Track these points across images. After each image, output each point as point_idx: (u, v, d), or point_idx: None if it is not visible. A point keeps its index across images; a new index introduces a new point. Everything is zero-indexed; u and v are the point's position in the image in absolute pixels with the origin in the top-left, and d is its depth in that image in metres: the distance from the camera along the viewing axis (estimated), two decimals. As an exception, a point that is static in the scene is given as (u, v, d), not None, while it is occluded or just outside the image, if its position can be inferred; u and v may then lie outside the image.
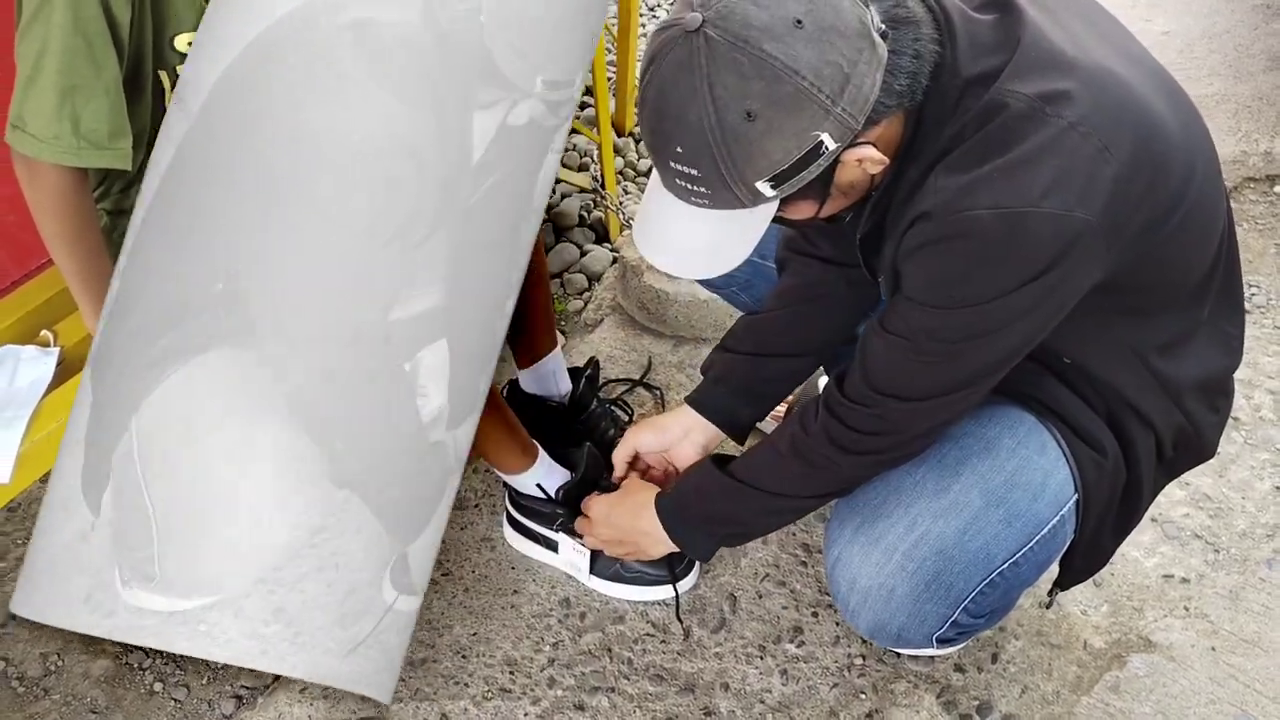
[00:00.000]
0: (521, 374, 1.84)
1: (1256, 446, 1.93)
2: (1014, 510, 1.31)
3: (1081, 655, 1.60)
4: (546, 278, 1.77)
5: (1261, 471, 1.89)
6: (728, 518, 1.44)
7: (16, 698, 1.63)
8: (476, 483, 1.87)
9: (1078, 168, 1.05)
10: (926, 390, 1.22)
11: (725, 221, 1.15)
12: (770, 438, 1.40)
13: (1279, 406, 2.00)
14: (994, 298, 1.11)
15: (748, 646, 1.61)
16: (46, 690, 1.64)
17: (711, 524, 1.47)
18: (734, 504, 1.41)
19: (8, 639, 1.69)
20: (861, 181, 1.16)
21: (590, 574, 1.66)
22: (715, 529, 1.47)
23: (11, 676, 1.65)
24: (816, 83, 1.01)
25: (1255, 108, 2.77)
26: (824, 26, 1.01)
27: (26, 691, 1.64)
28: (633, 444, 1.61)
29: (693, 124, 1.05)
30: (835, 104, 1.03)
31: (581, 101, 2.93)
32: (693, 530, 1.48)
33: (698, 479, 1.47)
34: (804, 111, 1.03)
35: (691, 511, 1.47)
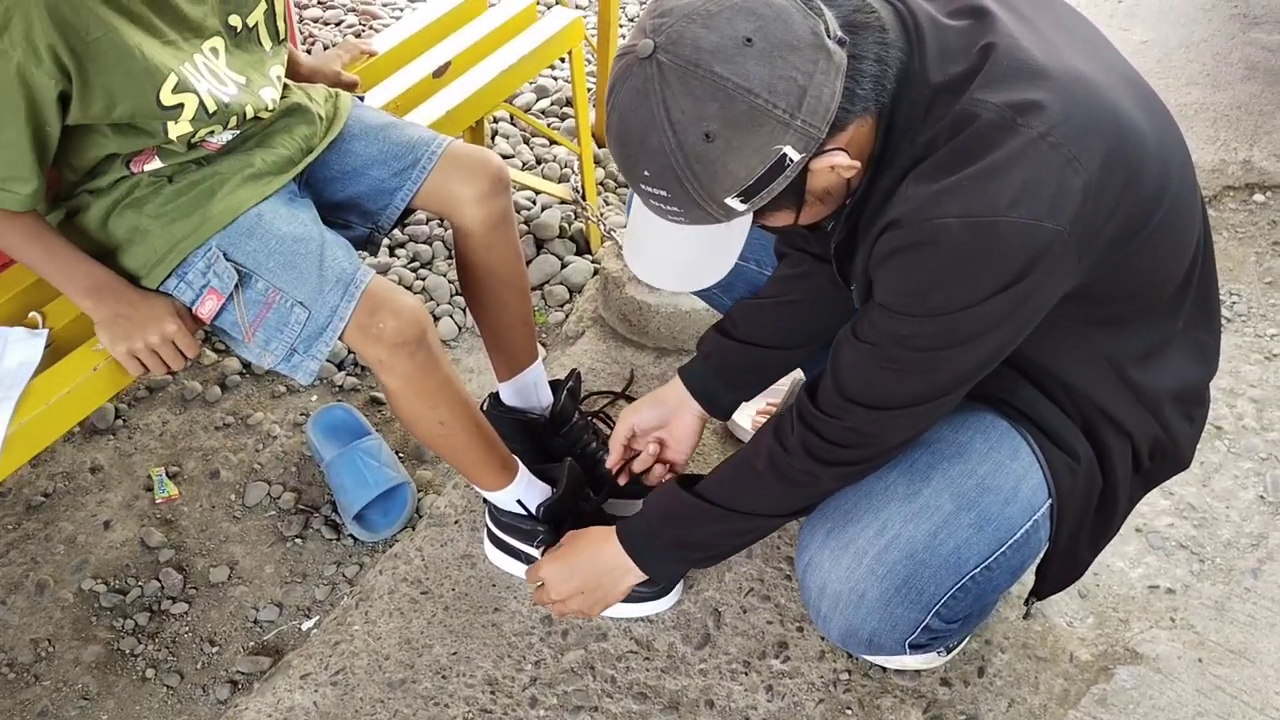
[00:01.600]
0: (502, 386, 1.82)
1: (1240, 455, 1.93)
2: (985, 514, 1.31)
3: (1068, 668, 1.59)
4: (527, 289, 1.75)
5: (1245, 480, 1.88)
6: (700, 542, 1.43)
7: (7, 684, 1.62)
8: (456, 499, 1.84)
9: (1047, 178, 1.05)
10: (899, 399, 1.22)
11: (705, 235, 1.16)
12: (743, 456, 1.38)
13: (1261, 415, 2.00)
14: (964, 307, 1.11)
15: (732, 663, 1.59)
16: (37, 676, 1.64)
17: (683, 548, 1.45)
18: (708, 528, 1.40)
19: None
20: (837, 186, 1.15)
21: (572, 591, 1.64)
22: (687, 554, 1.46)
23: (2, 663, 1.64)
24: (771, 99, 1.01)
25: (1234, 116, 2.77)
26: (775, 43, 1.01)
27: (17, 678, 1.63)
28: (630, 422, 1.61)
29: (655, 149, 1.05)
30: (794, 117, 1.03)
31: (561, 113, 2.91)
32: (662, 556, 1.46)
33: (666, 504, 1.44)
34: (762, 128, 1.03)
35: (661, 538, 1.44)
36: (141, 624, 1.71)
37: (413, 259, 2.44)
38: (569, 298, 2.39)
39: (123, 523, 1.86)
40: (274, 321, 1.42)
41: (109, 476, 1.94)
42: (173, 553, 1.81)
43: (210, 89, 1.39)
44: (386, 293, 1.42)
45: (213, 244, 1.42)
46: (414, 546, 1.76)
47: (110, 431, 2.02)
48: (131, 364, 1.41)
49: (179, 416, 2.06)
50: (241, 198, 1.43)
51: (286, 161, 1.51)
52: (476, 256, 1.68)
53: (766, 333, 1.55)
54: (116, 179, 1.43)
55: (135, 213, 1.43)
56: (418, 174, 1.60)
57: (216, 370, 2.15)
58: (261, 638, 1.70)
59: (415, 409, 1.48)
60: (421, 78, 2.02)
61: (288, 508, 1.89)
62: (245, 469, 1.96)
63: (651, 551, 1.45)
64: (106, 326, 1.40)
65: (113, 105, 1.31)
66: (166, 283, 1.43)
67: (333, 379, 2.14)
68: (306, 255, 1.41)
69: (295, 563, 1.81)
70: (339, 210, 1.62)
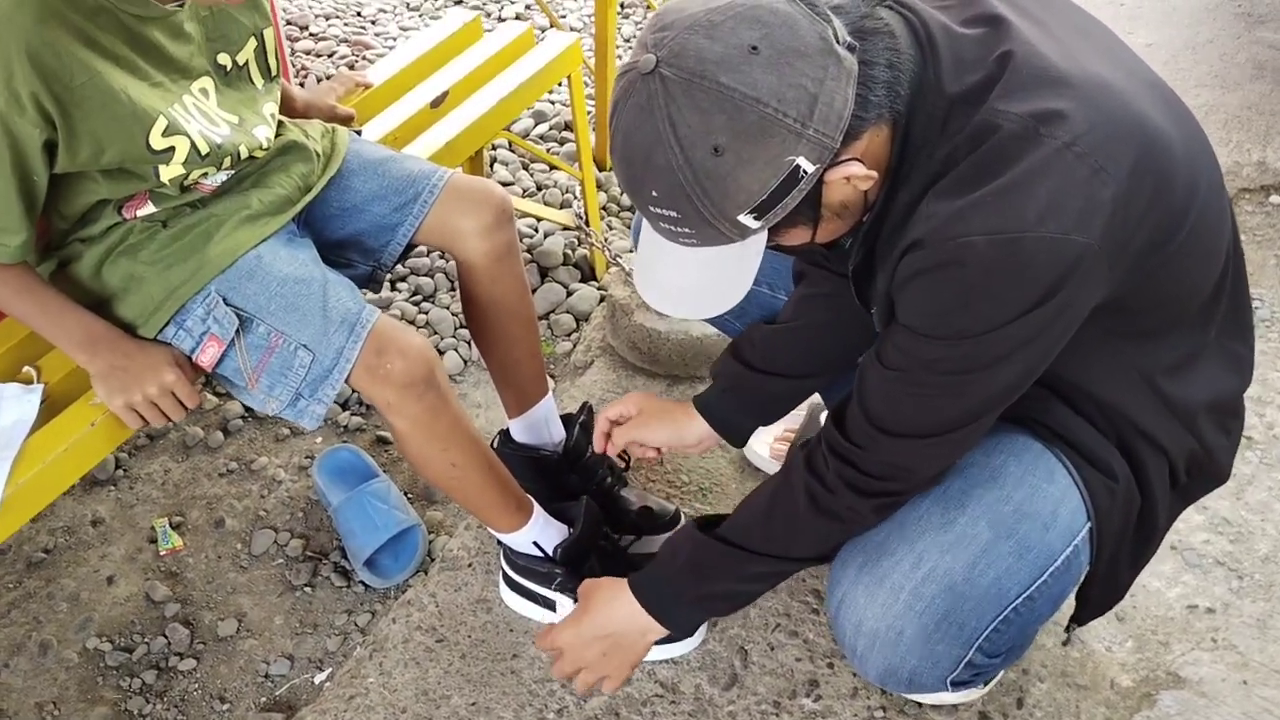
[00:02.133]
0: (512, 423, 1.77)
1: (1272, 466, 1.87)
2: (1025, 542, 1.25)
3: (1110, 695, 1.53)
4: (534, 321, 1.70)
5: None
6: (729, 592, 1.37)
7: (11, 753, 1.56)
8: (469, 540, 1.79)
9: (1074, 190, 1.01)
10: (930, 426, 1.17)
11: (718, 257, 1.10)
12: (774, 496, 1.32)
13: (1292, 423, 1.95)
14: (993, 328, 1.06)
15: (762, 703, 1.53)
16: None
17: (712, 600, 1.39)
18: (739, 573, 1.34)
19: (0, 689, 1.62)
20: (854, 200, 1.10)
21: (593, 633, 1.59)
22: (715, 605, 1.42)
23: (7, 729, 1.59)
24: (781, 108, 0.97)
25: (1245, 117, 2.73)
26: (781, 49, 0.97)
27: (22, 745, 1.57)
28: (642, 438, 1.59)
29: (661, 167, 1.01)
30: (806, 126, 0.98)
31: (560, 137, 2.87)
32: (689, 611, 1.41)
33: (691, 552, 1.37)
34: (773, 139, 0.98)
35: (689, 594, 1.38)
36: (149, 682, 1.65)
37: (415, 292, 2.40)
38: (576, 326, 2.35)
39: (126, 577, 1.81)
40: (277, 366, 1.37)
41: (111, 529, 1.89)
42: (179, 606, 1.75)
43: (202, 130, 1.34)
44: (393, 332, 1.37)
45: (211, 289, 1.37)
46: (427, 592, 1.71)
47: (111, 482, 1.97)
48: (130, 417, 1.36)
49: (181, 464, 2.01)
50: (239, 240, 1.39)
51: (284, 201, 1.46)
52: (481, 290, 1.63)
53: (787, 361, 1.50)
54: (109, 226, 1.38)
55: (129, 260, 1.38)
56: (419, 208, 1.55)
57: (218, 415, 2.10)
58: (273, 693, 1.64)
59: (425, 451, 1.43)
60: (419, 108, 1.98)
61: (296, 555, 1.83)
62: (251, 516, 1.91)
63: (677, 608, 1.40)
64: (103, 379, 1.35)
65: (101, 151, 1.26)
66: (165, 331, 1.39)
67: (337, 419, 2.09)
68: (309, 296, 1.36)
69: (305, 612, 1.75)
70: (340, 249, 1.57)
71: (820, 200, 1.07)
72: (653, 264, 1.16)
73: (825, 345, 1.49)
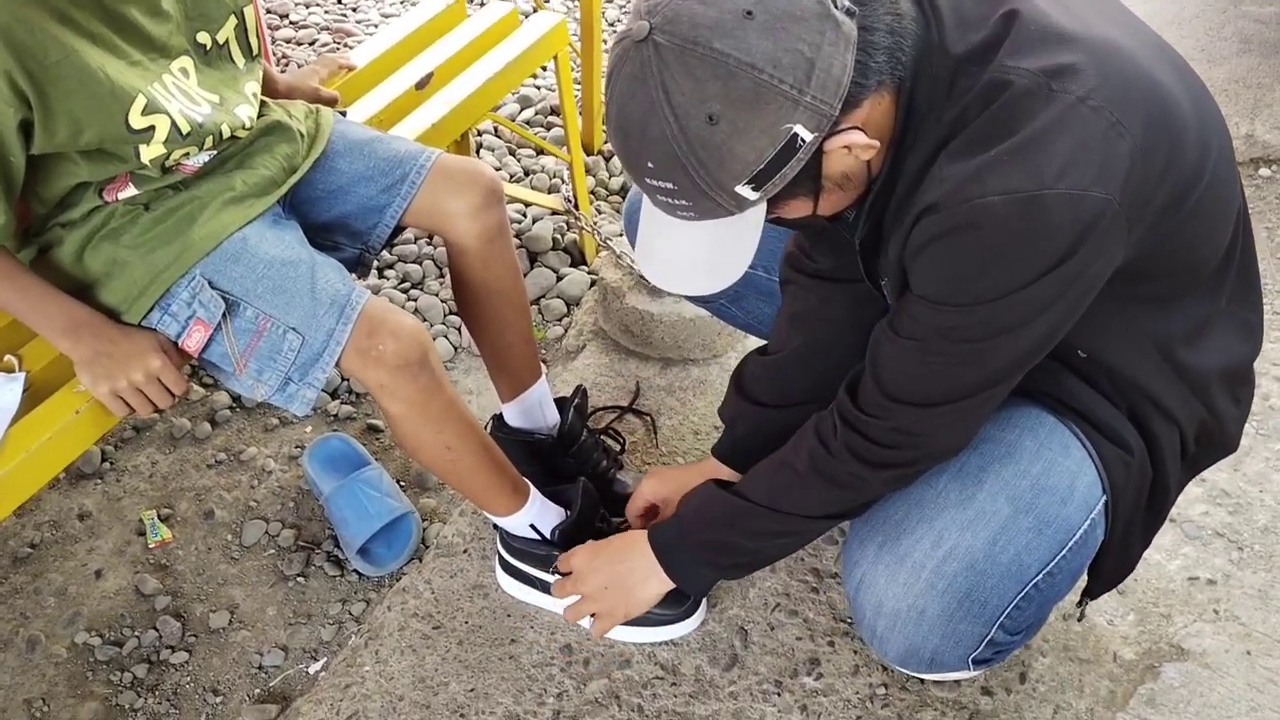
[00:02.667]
0: (506, 408, 1.74)
1: (1269, 436, 1.87)
2: (1044, 517, 1.23)
3: (1113, 669, 1.52)
4: (526, 305, 1.68)
5: (1277, 462, 1.82)
6: (734, 545, 1.36)
7: (0, 754, 1.54)
8: (464, 526, 1.77)
9: (1092, 144, 0.98)
10: (946, 395, 1.15)
11: (717, 231, 1.08)
12: (782, 456, 1.32)
13: (1288, 394, 1.95)
14: (1013, 291, 1.04)
15: (763, 683, 1.52)
16: None
17: (714, 552, 1.38)
18: (743, 528, 1.33)
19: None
20: (856, 171, 1.08)
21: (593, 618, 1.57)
22: (718, 558, 1.39)
23: (-6, 731, 1.56)
24: (777, 74, 0.95)
25: (1232, 91, 2.73)
26: (777, 14, 0.95)
27: (11, 746, 1.55)
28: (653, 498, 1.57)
29: (656, 137, 0.98)
30: (803, 93, 0.96)
31: (547, 122, 2.85)
32: (692, 560, 1.40)
33: (699, 503, 1.39)
34: (768, 105, 0.96)
35: (692, 539, 1.39)
36: (140, 676, 1.62)
37: (403, 280, 2.37)
38: (567, 311, 2.32)
39: (115, 571, 1.78)
40: (266, 350, 1.34)
41: (98, 523, 1.86)
42: (169, 599, 1.73)
43: (182, 109, 1.31)
44: (384, 313, 1.35)
45: (196, 272, 1.34)
46: (422, 579, 1.69)
47: (97, 475, 1.94)
48: (116, 405, 1.33)
49: (169, 456, 1.97)
50: (224, 222, 1.36)
51: (269, 183, 1.43)
52: (473, 273, 1.60)
53: (798, 389, 1.48)
54: (90, 209, 1.35)
55: (112, 244, 1.35)
56: (407, 189, 1.52)
57: (205, 405, 2.07)
58: (267, 684, 1.62)
59: (420, 434, 1.40)
60: (404, 90, 1.95)
61: (287, 545, 1.81)
62: (241, 507, 1.88)
63: (681, 554, 1.39)
64: (87, 366, 1.32)
65: (79, 131, 1.23)
66: (149, 316, 1.36)
67: (327, 408, 2.07)
68: (297, 279, 1.33)
69: (299, 603, 1.73)
70: (326, 232, 1.54)
71: (820, 171, 1.05)
72: (652, 240, 1.14)
73: (832, 361, 1.45)
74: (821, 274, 1.43)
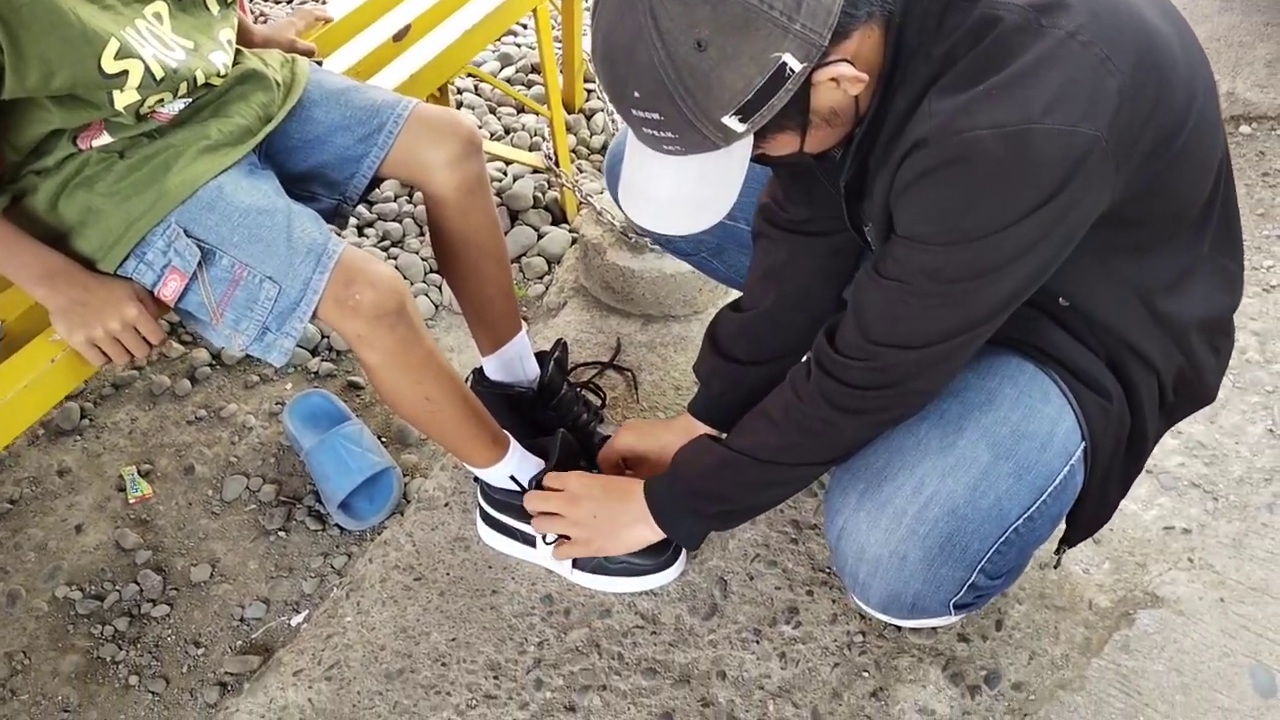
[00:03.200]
0: (486, 361, 1.74)
1: (1245, 389, 1.89)
2: (1024, 462, 1.24)
3: (1088, 616, 1.54)
4: (506, 258, 1.67)
5: (1253, 415, 1.84)
6: (721, 494, 1.37)
7: (-19, 704, 1.54)
8: (445, 480, 1.77)
9: (1081, 79, 0.98)
10: (929, 337, 1.15)
11: (703, 167, 1.07)
12: (762, 405, 1.33)
13: (1264, 348, 1.96)
14: (1000, 229, 1.04)
15: (742, 631, 1.53)
16: (14, 691, 1.56)
17: (703, 501, 1.39)
18: (729, 477, 1.34)
19: (-35, 647, 1.61)
20: (844, 106, 1.07)
21: (573, 568, 1.58)
22: (706, 508, 1.40)
23: (-26, 682, 1.57)
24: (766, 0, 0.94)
25: (1213, 49, 2.73)
26: None
27: (-8, 696, 1.55)
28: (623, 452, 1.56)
29: (643, 64, 0.97)
30: (793, 20, 0.95)
31: (528, 80, 2.83)
32: (683, 512, 1.41)
33: (689, 452, 1.40)
34: (758, 32, 0.95)
35: (681, 487, 1.40)
36: (121, 630, 1.63)
37: (383, 238, 2.36)
38: (548, 269, 2.32)
39: (95, 526, 1.78)
40: (243, 299, 1.33)
41: (78, 479, 1.86)
42: (150, 554, 1.73)
43: (156, 54, 1.30)
44: (361, 263, 1.34)
45: (171, 220, 1.33)
46: (404, 532, 1.69)
47: (77, 432, 1.93)
48: (92, 353, 1.33)
49: (148, 413, 1.97)
50: (199, 170, 1.35)
51: (244, 131, 1.42)
52: (452, 225, 1.59)
53: (773, 345, 1.48)
54: (64, 157, 1.33)
55: (86, 192, 1.34)
56: (384, 139, 1.51)
57: (185, 363, 2.06)
58: (249, 636, 1.62)
59: (399, 385, 1.40)
60: (381, 42, 1.93)
61: (268, 500, 1.81)
62: (221, 463, 1.88)
63: (672, 503, 1.40)
64: (63, 314, 1.31)
65: (51, 75, 1.22)
66: (125, 265, 1.35)
67: (307, 365, 2.06)
68: (273, 227, 1.32)
69: (280, 556, 1.73)
70: (303, 182, 1.53)
71: (809, 104, 1.04)
72: (636, 177, 1.13)
73: (804, 316, 1.46)
74: (795, 226, 1.43)
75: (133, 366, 2.05)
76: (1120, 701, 1.43)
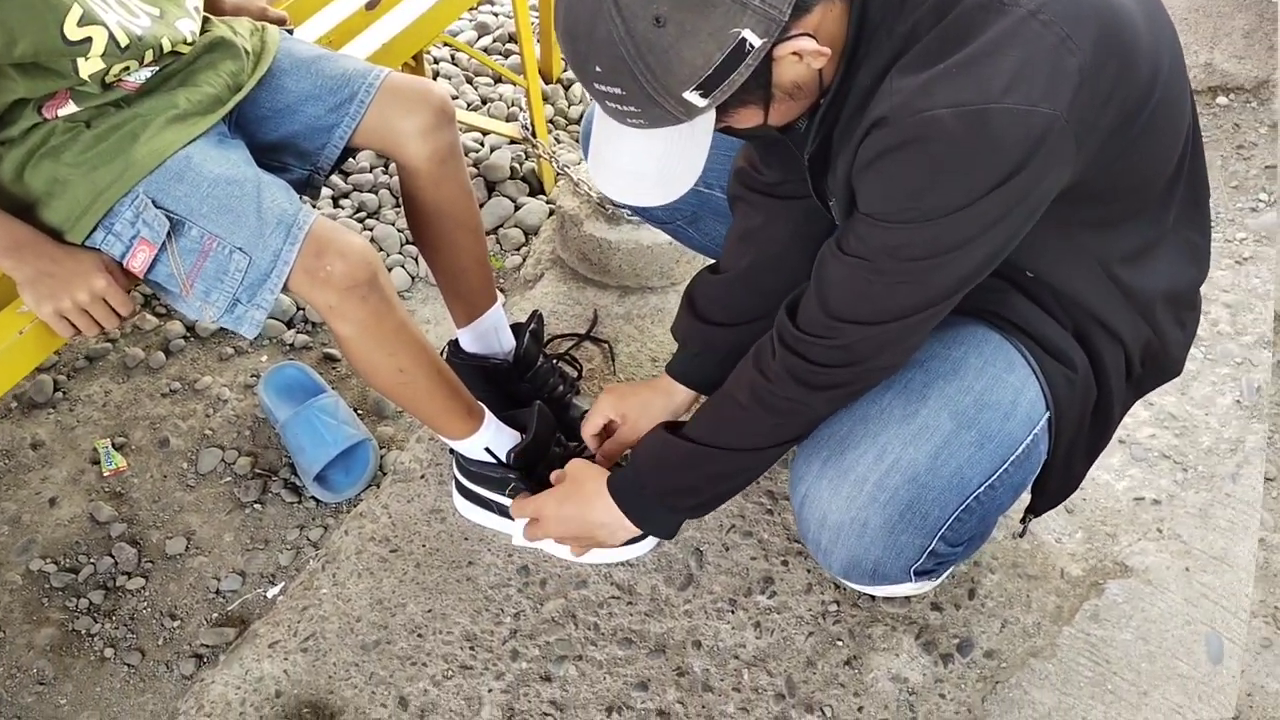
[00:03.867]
0: (461, 333, 1.74)
1: (1216, 361, 1.90)
2: (986, 431, 1.25)
3: (1060, 585, 1.56)
4: (480, 228, 1.66)
5: (1222, 386, 1.86)
6: (692, 487, 1.37)
7: (-48, 681, 1.54)
8: (420, 453, 1.77)
9: (1040, 59, 0.98)
10: (890, 313, 1.15)
11: (667, 141, 1.07)
12: (724, 391, 1.32)
13: (1235, 320, 1.98)
14: (960, 208, 1.04)
15: (718, 601, 1.54)
16: None
17: (675, 496, 1.39)
18: (699, 470, 1.34)
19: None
20: (808, 80, 1.07)
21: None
22: (679, 502, 1.40)
23: (-54, 656, 1.56)
24: None
25: (1191, 20, 2.73)
26: None
27: (-35, 671, 1.55)
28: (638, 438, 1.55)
29: (603, 40, 0.97)
30: None
31: (505, 49, 2.80)
32: (655, 509, 1.41)
33: (653, 450, 1.39)
34: (716, 8, 0.95)
35: (651, 489, 1.39)
36: (96, 602, 1.62)
37: (358, 209, 2.34)
38: (525, 241, 2.31)
39: (69, 499, 1.77)
40: (212, 270, 1.32)
41: (51, 451, 1.84)
42: (125, 526, 1.72)
43: (120, 21, 1.28)
44: (332, 234, 1.33)
45: (139, 191, 1.31)
46: (380, 504, 1.69)
47: (50, 405, 1.92)
48: (60, 325, 1.31)
49: (122, 385, 1.96)
50: (167, 140, 1.33)
51: (214, 100, 1.40)
52: (425, 195, 1.58)
53: (749, 307, 1.47)
54: (29, 127, 1.31)
55: (53, 162, 1.32)
56: (355, 108, 1.50)
57: (159, 335, 2.05)
58: (225, 608, 1.62)
59: (372, 357, 1.39)
60: (354, 10, 1.90)
61: (244, 473, 1.80)
62: (196, 435, 1.87)
63: (645, 504, 1.40)
64: (30, 286, 1.29)
65: (13, 42, 1.20)
66: (93, 236, 1.33)
67: (282, 338, 2.05)
68: (242, 198, 1.31)
69: (256, 529, 1.73)
70: (274, 152, 1.51)
71: (771, 79, 1.04)
72: (603, 149, 1.13)
73: (780, 280, 1.45)
74: (770, 190, 1.43)
75: (105, 339, 2.03)
76: (1089, 670, 1.45)
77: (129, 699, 1.51)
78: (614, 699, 1.44)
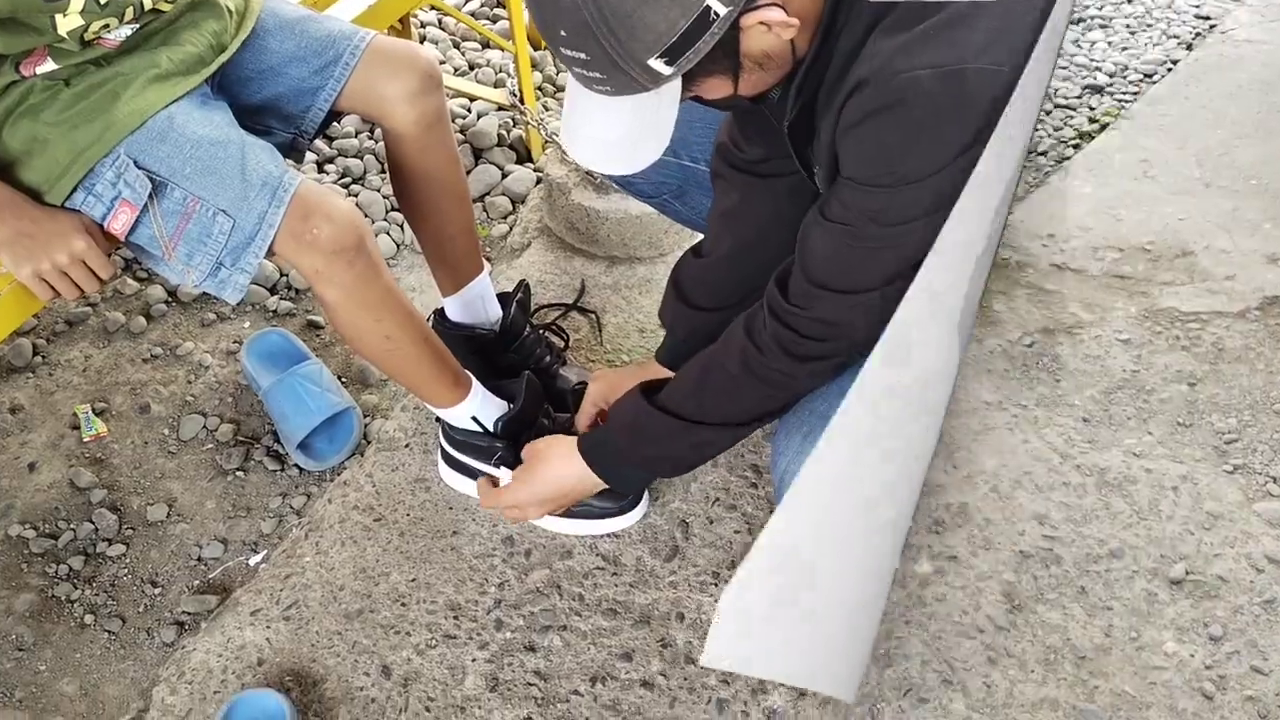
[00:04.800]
0: (447, 302, 1.72)
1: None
2: None
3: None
4: (467, 195, 1.64)
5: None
6: (667, 456, 1.37)
7: (-68, 645, 1.52)
8: (406, 421, 1.76)
9: (1012, 24, 0.99)
10: (871, 280, 1.15)
11: (634, 110, 1.05)
12: (711, 360, 1.31)
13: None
14: (936, 169, 1.04)
15: (701, 574, 1.54)
16: None
17: (649, 463, 1.39)
18: (683, 441, 1.33)
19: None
20: (778, 51, 1.06)
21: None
22: (659, 468, 1.41)
23: (-75, 623, 1.54)
24: None
25: (1185, -3, 2.72)
26: None
27: (-58, 638, 1.53)
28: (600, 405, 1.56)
29: (567, 4, 0.95)
30: None
31: (493, 14, 2.77)
32: (629, 470, 1.42)
33: (632, 418, 1.37)
34: None
35: (630, 456, 1.39)
36: (76, 568, 1.61)
37: (344, 175, 2.31)
38: (512, 209, 2.29)
39: (49, 464, 1.75)
40: (195, 233, 1.30)
41: (31, 416, 1.82)
42: (105, 492, 1.70)
43: None
44: (318, 197, 1.31)
45: (120, 151, 1.29)
46: (364, 473, 1.68)
47: (29, 369, 1.89)
48: (39, 287, 1.29)
49: (103, 350, 1.93)
50: (149, 99, 1.30)
51: (196, 60, 1.37)
52: (411, 161, 1.56)
53: (733, 290, 1.47)
54: (6, 84, 1.28)
55: (31, 121, 1.29)
56: (340, 71, 1.47)
57: (140, 300, 2.02)
58: (207, 576, 1.61)
59: (358, 322, 1.38)
60: (341, -29, 1.87)
61: (226, 440, 1.79)
62: (178, 402, 1.85)
63: (617, 468, 1.40)
64: (8, 247, 1.27)
65: None
66: (73, 197, 1.31)
67: (266, 304, 2.03)
68: (226, 159, 1.29)
69: (238, 496, 1.71)
70: (257, 115, 1.49)
71: (738, 48, 1.02)
72: (573, 116, 1.11)
73: (763, 260, 1.43)
74: (750, 168, 1.41)
75: (86, 303, 2.00)
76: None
77: (109, 665, 1.50)
78: (598, 669, 1.44)
